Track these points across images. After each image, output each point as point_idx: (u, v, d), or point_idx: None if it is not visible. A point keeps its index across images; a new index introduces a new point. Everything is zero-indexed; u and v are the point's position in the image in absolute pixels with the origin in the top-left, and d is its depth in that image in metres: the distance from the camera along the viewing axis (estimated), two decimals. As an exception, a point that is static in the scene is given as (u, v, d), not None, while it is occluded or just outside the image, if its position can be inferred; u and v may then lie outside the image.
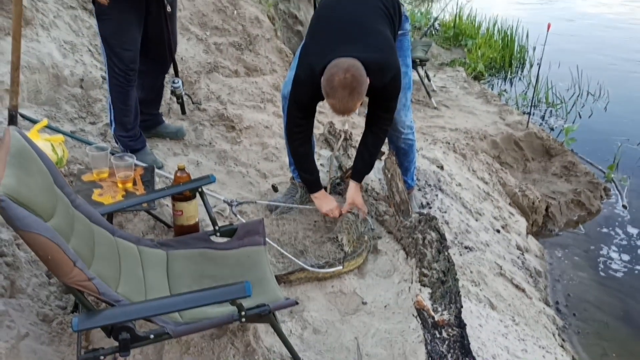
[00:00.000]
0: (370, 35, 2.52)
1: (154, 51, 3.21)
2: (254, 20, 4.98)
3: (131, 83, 3.11)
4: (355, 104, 2.41)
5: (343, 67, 2.34)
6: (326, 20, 2.64)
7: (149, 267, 2.20)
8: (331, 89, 2.36)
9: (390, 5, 2.65)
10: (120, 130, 3.22)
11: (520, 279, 3.31)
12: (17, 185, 1.66)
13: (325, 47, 2.47)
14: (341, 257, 2.67)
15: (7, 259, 2.27)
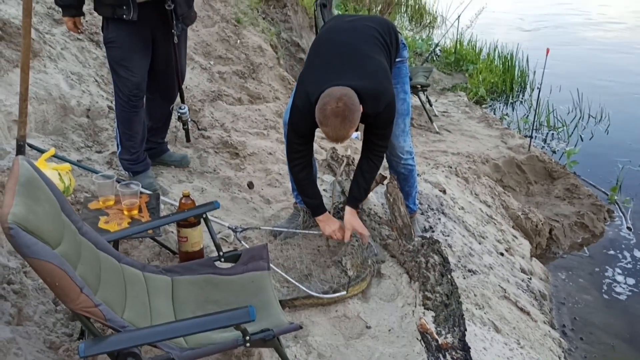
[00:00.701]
0: (365, 64, 2.57)
1: (161, 80, 3.28)
2: (257, 49, 5.08)
3: (136, 108, 3.18)
4: (348, 132, 2.44)
5: (335, 96, 2.38)
6: (323, 50, 2.70)
7: (155, 293, 2.22)
8: (324, 117, 2.40)
9: (387, 34, 2.71)
10: (124, 153, 3.28)
11: (525, 302, 3.31)
12: (26, 213, 1.70)
13: (321, 76, 2.53)
14: (345, 282, 2.69)
15: (14, 287, 2.30)
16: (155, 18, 3.04)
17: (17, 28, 3.81)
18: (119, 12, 2.93)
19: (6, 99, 3.36)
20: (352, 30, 2.70)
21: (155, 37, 3.12)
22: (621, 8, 12.76)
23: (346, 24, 2.76)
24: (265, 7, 5.91)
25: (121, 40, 3.02)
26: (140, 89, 3.14)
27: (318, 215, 2.92)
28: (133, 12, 2.93)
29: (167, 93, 3.39)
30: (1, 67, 3.48)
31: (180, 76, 3.33)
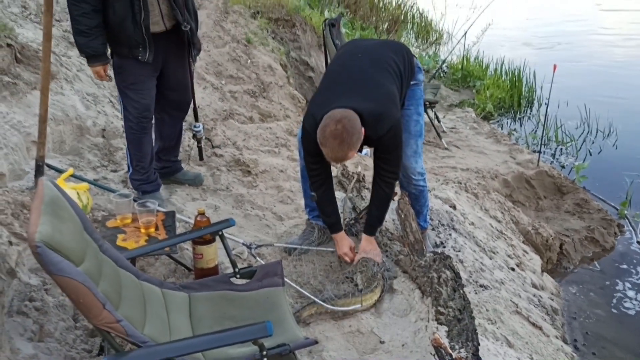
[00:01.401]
0: (371, 87, 2.62)
1: (171, 99, 3.36)
2: (267, 69, 5.17)
3: (145, 130, 3.25)
4: (347, 154, 2.49)
5: (335, 118, 2.44)
6: (335, 73, 2.78)
7: (173, 309, 2.27)
8: (324, 138, 2.46)
9: (401, 61, 2.77)
10: (135, 174, 3.35)
11: (536, 317, 3.32)
12: (51, 232, 1.76)
13: (328, 98, 2.60)
14: (358, 296, 2.72)
15: (36, 304, 2.36)
16: (167, 44, 3.12)
17: (35, 51, 3.91)
18: (135, 53, 3.00)
19: (25, 120, 3.44)
20: (365, 55, 2.76)
21: (166, 59, 3.20)
22: (628, 24, 12.82)
23: (361, 49, 2.83)
24: (275, 27, 6.01)
25: (131, 67, 3.09)
26: (149, 111, 3.22)
27: (334, 233, 2.97)
28: (149, 54, 3.02)
29: (178, 111, 3.46)
30: (20, 89, 3.57)
31: (190, 93, 3.41)
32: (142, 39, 2.97)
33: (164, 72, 3.24)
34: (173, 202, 3.43)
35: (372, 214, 2.91)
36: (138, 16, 2.91)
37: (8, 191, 2.94)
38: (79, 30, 2.89)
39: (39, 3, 4.75)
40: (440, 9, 11.04)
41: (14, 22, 4.22)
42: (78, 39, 2.92)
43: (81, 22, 2.86)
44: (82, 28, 2.87)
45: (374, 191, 2.85)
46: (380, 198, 2.84)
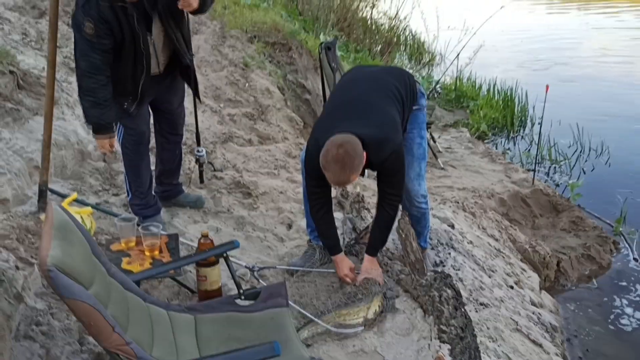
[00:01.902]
0: (373, 113, 2.70)
1: (169, 124, 3.42)
2: (265, 92, 5.24)
3: (142, 156, 3.30)
4: (349, 177, 2.55)
5: (337, 143, 2.50)
6: (338, 100, 2.87)
7: (179, 331, 2.29)
8: (326, 162, 2.52)
9: (402, 86, 2.85)
10: (135, 199, 3.38)
11: (536, 334, 3.35)
12: (62, 256, 1.79)
13: (331, 123, 2.67)
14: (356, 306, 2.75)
15: (42, 328, 2.37)
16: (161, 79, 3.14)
17: (37, 78, 3.97)
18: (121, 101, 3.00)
19: (27, 145, 3.49)
20: (368, 81, 2.85)
21: (159, 90, 3.22)
22: (618, 43, 13.05)
23: (364, 75, 2.93)
24: (271, 51, 6.10)
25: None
26: (145, 137, 3.27)
27: (334, 255, 3.01)
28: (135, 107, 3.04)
29: (174, 135, 3.51)
30: (22, 115, 3.62)
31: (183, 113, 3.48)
32: (135, 92, 2.99)
33: (158, 100, 3.29)
34: (175, 224, 3.46)
35: (375, 235, 2.95)
36: (138, 75, 2.94)
37: (12, 216, 2.97)
38: (94, 103, 2.83)
39: (38, 30, 4.83)
40: (432, 31, 11.20)
41: (15, 49, 4.27)
42: (92, 112, 2.86)
43: (98, 94, 2.82)
44: (98, 100, 2.82)
45: (378, 213, 2.89)
46: (384, 220, 2.88)
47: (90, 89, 2.82)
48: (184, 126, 3.52)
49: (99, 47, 2.75)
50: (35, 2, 5.29)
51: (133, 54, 2.87)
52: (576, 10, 18.00)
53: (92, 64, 2.77)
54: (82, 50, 2.77)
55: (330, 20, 9.81)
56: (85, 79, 2.81)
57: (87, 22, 2.67)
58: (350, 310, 2.75)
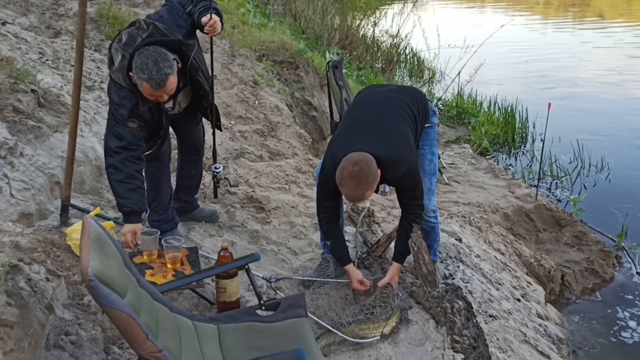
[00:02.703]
0: (387, 132, 2.84)
1: (187, 148, 3.55)
2: (274, 109, 5.37)
3: (163, 172, 3.41)
4: (364, 193, 2.68)
5: (352, 161, 2.64)
6: (353, 118, 3.01)
7: (204, 340, 2.38)
8: (342, 179, 2.66)
9: (415, 105, 2.99)
10: (153, 215, 3.48)
11: (544, 346, 3.44)
12: (100, 266, 1.89)
13: (346, 141, 2.81)
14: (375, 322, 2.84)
15: (71, 338, 2.46)
16: None
17: (57, 96, 4.09)
18: None
19: (49, 162, 3.59)
20: (382, 101, 2.99)
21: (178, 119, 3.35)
22: (617, 60, 13.26)
23: (378, 95, 3.07)
24: (279, 69, 6.24)
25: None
26: (167, 156, 3.40)
27: (344, 265, 3.12)
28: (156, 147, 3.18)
29: (195, 155, 3.63)
30: (43, 132, 3.72)
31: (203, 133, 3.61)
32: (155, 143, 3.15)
33: (177, 126, 3.43)
34: (191, 238, 3.56)
35: (403, 241, 3.07)
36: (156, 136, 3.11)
37: (37, 230, 3.06)
38: (134, 187, 2.88)
39: (54, 49, 4.95)
40: (433, 49, 11.37)
41: (33, 68, 4.40)
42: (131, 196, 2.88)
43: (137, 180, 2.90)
44: (136, 185, 2.89)
45: (404, 222, 3.03)
46: (410, 226, 3.02)
47: (132, 175, 2.88)
48: (204, 146, 3.63)
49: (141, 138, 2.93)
50: (50, 22, 5.41)
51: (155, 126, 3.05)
52: (575, 28, 18.24)
53: (135, 154, 2.89)
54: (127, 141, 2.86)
55: (333, 39, 10.00)
56: (127, 167, 2.86)
57: (131, 123, 2.86)
58: (370, 325, 2.84)
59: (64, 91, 4.21)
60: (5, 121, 3.52)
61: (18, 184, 3.20)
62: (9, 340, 1.90)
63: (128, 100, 2.83)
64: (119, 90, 2.85)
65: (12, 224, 2.90)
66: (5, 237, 2.69)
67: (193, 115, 3.43)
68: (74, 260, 2.94)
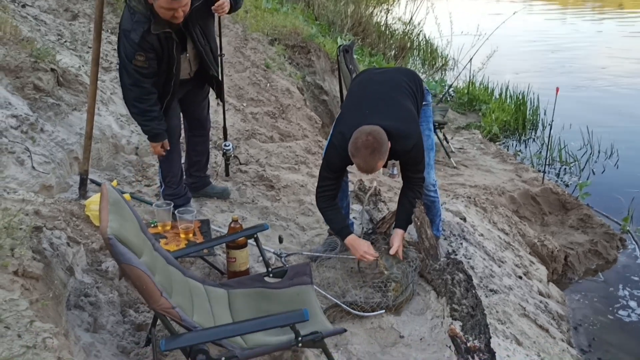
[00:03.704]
0: (395, 108, 2.96)
1: (195, 124, 3.68)
2: (285, 92, 5.48)
3: (174, 148, 3.54)
4: (377, 163, 2.79)
5: (366, 131, 2.76)
6: (357, 96, 3.12)
7: (214, 302, 2.52)
8: (355, 149, 2.77)
9: (413, 84, 3.12)
10: (167, 189, 3.61)
11: (543, 321, 3.54)
12: (119, 227, 2.03)
13: (355, 118, 2.92)
14: (384, 303, 2.96)
15: (90, 299, 2.61)
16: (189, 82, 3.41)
17: (75, 75, 4.24)
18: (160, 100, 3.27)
19: (68, 138, 3.74)
20: (383, 80, 3.12)
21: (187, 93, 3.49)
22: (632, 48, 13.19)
23: (378, 75, 3.21)
24: (291, 53, 6.35)
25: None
26: (177, 131, 3.52)
27: (345, 237, 3.16)
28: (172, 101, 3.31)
29: (202, 131, 3.76)
30: (63, 110, 3.88)
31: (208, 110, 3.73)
32: (167, 94, 3.26)
33: (185, 101, 3.55)
34: (203, 213, 3.70)
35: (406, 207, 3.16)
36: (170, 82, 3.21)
37: (58, 201, 3.22)
38: (152, 117, 3.18)
39: (72, 32, 5.11)
40: (446, 36, 11.40)
41: (52, 49, 4.55)
42: (151, 125, 3.20)
43: (152, 113, 3.17)
44: (154, 115, 3.18)
45: (408, 192, 3.14)
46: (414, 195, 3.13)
47: (145, 110, 3.16)
48: (209, 122, 3.76)
49: (149, 74, 3.07)
50: (68, 5, 5.56)
51: (167, 69, 3.15)
52: (594, 18, 18.09)
53: (144, 89, 3.10)
54: (133, 79, 3.06)
55: (346, 25, 10.07)
56: (139, 104, 3.14)
57: (139, 55, 2.99)
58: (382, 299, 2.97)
59: (82, 71, 4.36)
60: (26, 98, 3.68)
61: (39, 157, 3.36)
62: (34, 291, 2.05)
63: (140, 25, 2.95)
64: (132, 15, 2.97)
65: (34, 195, 3.06)
66: (28, 205, 2.85)
67: (200, 89, 3.54)
68: (92, 230, 3.10)
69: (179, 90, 3.33)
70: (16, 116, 3.44)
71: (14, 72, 3.76)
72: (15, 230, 2.29)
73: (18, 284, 2.03)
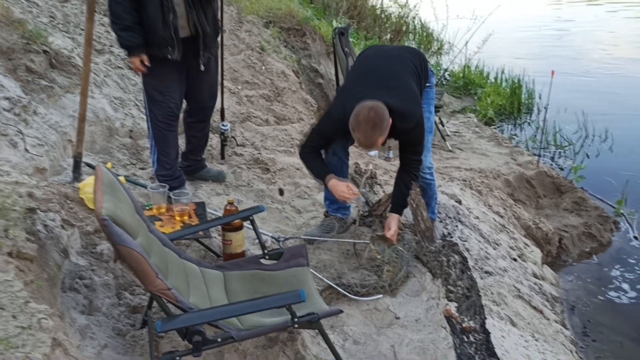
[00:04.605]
0: (399, 86, 2.93)
1: (196, 103, 3.63)
2: (281, 75, 5.45)
3: (172, 127, 3.50)
4: (377, 139, 2.77)
5: (368, 106, 2.74)
6: (363, 69, 3.07)
7: (210, 284, 2.52)
8: (357, 123, 2.75)
9: (419, 64, 3.09)
10: (160, 169, 3.58)
11: (537, 302, 3.57)
12: (114, 208, 2.02)
13: (359, 91, 2.88)
14: (379, 285, 2.97)
15: (85, 282, 2.61)
16: (190, 49, 3.37)
17: (68, 57, 4.19)
18: (165, 52, 3.25)
19: (61, 120, 3.71)
20: (388, 57, 3.08)
21: (189, 66, 3.45)
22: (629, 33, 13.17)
23: (383, 52, 3.18)
24: (286, 36, 6.31)
25: (158, 70, 3.34)
26: (175, 112, 3.47)
27: (326, 178, 3.13)
28: (178, 53, 3.27)
29: (203, 114, 3.72)
30: (56, 92, 3.84)
31: (212, 98, 3.68)
32: (171, 37, 3.21)
33: (189, 77, 3.50)
34: (199, 196, 3.69)
35: (402, 191, 3.15)
36: (167, 16, 3.17)
37: (51, 184, 3.20)
38: (123, 26, 3.15)
39: (64, 14, 5.04)
40: (442, 20, 11.35)
41: (44, 31, 4.49)
42: (122, 34, 3.18)
43: (125, 18, 3.13)
44: (127, 23, 3.14)
45: (404, 175, 3.12)
46: (410, 178, 3.12)
47: (119, 14, 3.14)
48: (210, 106, 3.72)
49: None
50: (60, -13, 5.49)
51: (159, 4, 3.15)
52: (590, 3, 18.01)
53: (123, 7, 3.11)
54: None
55: (341, 8, 9.99)
56: (114, 6, 3.14)
57: None
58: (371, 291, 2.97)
59: (75, 53, 4.31)
60: (19, 80, 3.64)
61: (32, 140, 3.33)
62: (29, 273, 2.04)
63: None
64: None
65: (27, 177, 3.04)
66: (22, 188, 2.82)
67: (206, 73, 3.51)
68: (86, 213, 3.08)
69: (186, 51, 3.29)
70: (9, 98, 3.41)
71: (6, 54, 3.72)
72: (9, 211, 2.27)
73: (12, 265, 2.02)
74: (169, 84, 3.39)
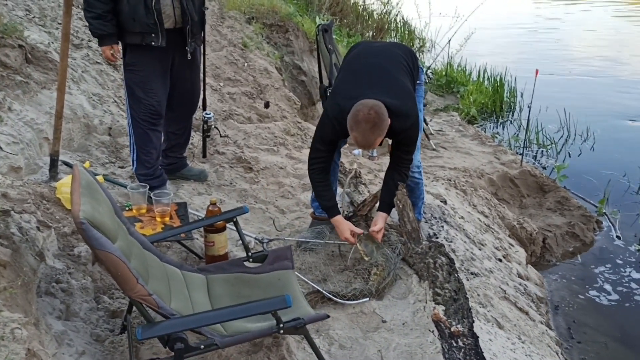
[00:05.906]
0: (395, 84, 2.87)
1: (179, 98, 3.53)
2: (264, 72, 5.36)
3: (154, 127, 3.40)
4: (376, 139, 2.71)
5: (368, 105, 2.67)
6: (356, 68, 3.00)
7: (193, 288, 2.44)
8: (355, 123, 2.68)
9: (410, 61, 3.03)
10: (141, 169, 3.49)
11: (523, 304, 3.55)
12: (91, 211, 1.93)
13: (353, 90, 2.82)
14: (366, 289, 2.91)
15: (62, 285, 2.51)
16: (175, 41, 3.28)
17: (44, 52, 4.06)
18: (148, 39, 3.16)
19: (37, 117, 3.59)
20: (381, 53, 3.01)
21: (174, 58, 3.37)
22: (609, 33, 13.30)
23: (375, 48, 3.10)
24: (269, 32, 6.22)
25: (143, 64, 3.25)
26: (158, 110, 3.37)
27: (333, 217, 3.13)
28: (162, 39, 3.18)
29: (186, 109, 3.64)
30: (31, 88, 3.72)
31: (196, 94, 3.59)
32: (154, 23, 3.12)
33: (173, 70, 3.40)
34: (180, 196, 3.60)
35: (390, 189, 3.11)
36: (149, 1, 3.08)
37: (27, 183, 3.09)
38: (95, 15, 3.08)
39: (41, 7, 4.89)
40: (424, 18, 11.33)
41: (20, 25, 4.35)
42: (93, 23, 3.12)
43: (97, 6, 3.06)
44: (98, 12, 3.07)
45: (393, 174, 3.08)
46: (399, 177, 3.07)
47: (91, 2, 3.07)
48: (197, 102, 3.64)
49: None
50: (36, -21, 5.34)
51: None
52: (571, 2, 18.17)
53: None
54: None
55: (324, 4, 9.91)
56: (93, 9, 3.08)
57: None
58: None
59: (52, 48, 4.18)
60: (-8, 76, 3.51)
61: (7, 137, 3.21)
62: (2, 279, 1.95)
63: None
64: None
65: (1, 176, 2.92)
66: (-5, 188, 2.72)
67: (190, 67, 3.43)
68: (63, 213, 2.98)
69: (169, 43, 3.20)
70: (-19, 94, 3.28)
71: (-21, 48, 3.59)
72: (-19, 214, 2.17)
73: (-16, 272, 1.93)
74: (152, 80, 3.29)
